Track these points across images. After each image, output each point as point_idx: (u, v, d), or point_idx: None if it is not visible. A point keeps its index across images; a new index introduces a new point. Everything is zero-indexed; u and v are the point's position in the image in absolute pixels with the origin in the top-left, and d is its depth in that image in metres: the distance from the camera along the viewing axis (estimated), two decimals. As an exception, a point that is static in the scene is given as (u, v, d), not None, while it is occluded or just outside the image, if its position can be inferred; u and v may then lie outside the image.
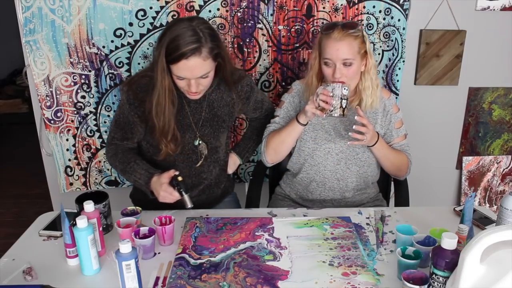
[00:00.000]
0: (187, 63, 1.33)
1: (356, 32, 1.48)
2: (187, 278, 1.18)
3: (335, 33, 1.47)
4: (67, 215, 1.21)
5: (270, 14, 1.93)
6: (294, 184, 1.72)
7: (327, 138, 1.61)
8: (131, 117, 1.50)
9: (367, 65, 1.54)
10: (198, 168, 1.59)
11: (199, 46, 1.33)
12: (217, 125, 1.58)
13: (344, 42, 1.47)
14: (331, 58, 1.48)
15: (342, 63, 1.48)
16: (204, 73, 1.38)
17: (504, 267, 0.95)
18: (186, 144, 1.54)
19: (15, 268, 1.23)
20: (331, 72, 1.50)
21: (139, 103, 1.48)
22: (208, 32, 1.36)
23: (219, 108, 1.58)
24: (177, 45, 1.32)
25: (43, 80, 1.93)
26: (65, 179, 2.11)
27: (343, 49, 1.47)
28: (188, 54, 1.32)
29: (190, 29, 1.33)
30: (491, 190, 2.38)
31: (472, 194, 1.30)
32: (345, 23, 1.50)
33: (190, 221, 1.46)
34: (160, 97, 1.41)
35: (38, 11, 1.84)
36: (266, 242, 1.34)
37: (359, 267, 1.22)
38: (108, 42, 1.91)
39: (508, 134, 2.29)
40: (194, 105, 1.53)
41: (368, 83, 1.56)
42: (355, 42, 1.48)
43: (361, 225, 1.44)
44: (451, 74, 2.12)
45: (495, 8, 2.03)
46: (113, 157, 1.55)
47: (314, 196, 1.68)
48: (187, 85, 1.40)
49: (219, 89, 1.57)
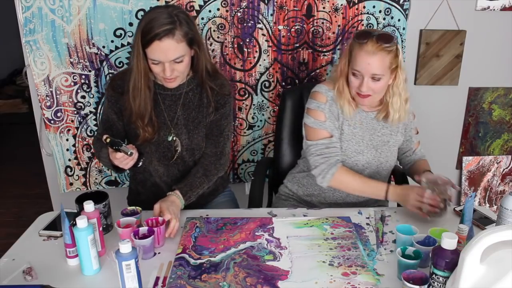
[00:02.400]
0: (160, 44, 1.35)
1: (390, 47, 1.42)
2: (187, 278, 1.18)
3: (369, 45, 1.41)
4: (67, 215, 1.21)
5: (270, 14, 1.93)
6: (309, 183, 1.67)
7: (357, 150, 1.57)
8: (110, 114, 1.54)
9: (396, 79, 1.49)
10: (172, 166, 1.59)
11: (172, 28, 1.35)
12: (192, 125, 1.56)
13: (376, 56, 1.41)
14: (360, 70, 1.44)
15: (370, 77, 1.44)
16: (178, 56, 1.39)
17: (504, 267, 0.95)
18: (161, 142, 1.55)
19: (15, 268, 1.22)
20: (357, 84, 1.47)
21: (116, 99, 1.52)
22: (183, 17, 1.39)
23: (194, 109, 1.56)
24: (151, 27, 1.35)
25: (43, 80, 1.94)
26: (65, 179, 2.11)
27: (374, 64, 1.42)
28: (162, 34, 1.34)
29: (165, 12, 1.37)
30: (491, 190, 2.38)
31: (472, 194, 1.30)
32: (380, 34, 1.42)
33: (190, 221, 1.46)
34: (136, 80, 1.43)
35: (38, 11, 1.84)
36: (266, 242, 1.34)
37: (359, 267, 1.22)
38: (108, 42, 1.91)
39: (508, 134, 2.29)
40: (169, 102, 1.54)
41: (396, 98, 1.51)
42: (388, 57, 1.43)
43: (361, 225, 1.44)
44: (451, 74, 2.12)
45: (495, 8, 2.03)
46: (94, 145, 1.62)
47: (327, 199, 1.65)
48: (162, 71, 1.41)
49: (196, 90, 1.55)
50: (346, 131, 1.57)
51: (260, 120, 2.12)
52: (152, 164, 1.58)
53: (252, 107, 2.09)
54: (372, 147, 1.58)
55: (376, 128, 1.59)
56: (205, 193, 1.67)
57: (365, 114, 1.59)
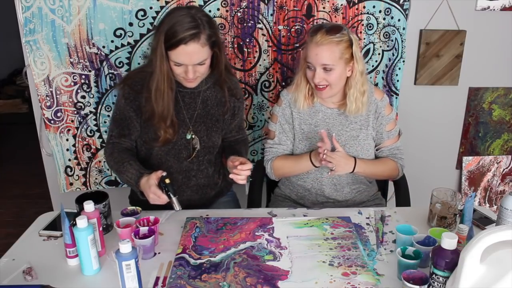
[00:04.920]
0: (185, 49, 1.35)
1: (339, 37, 1.45)
2: (187, 278, 1.18)
3: (318, 36, 1.45)
4: (67, 215, 1.21)
5: (270, 14, 1.93)
6: (293, 186, 1.72)
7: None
8: (126, 112, 1.52)
9: (353, 70, 1.52)
10: (187, 164, 1.59)
11: (198, 32, 1.35)
12: (211, 123, 1.58)
13: (324, 47, 1.45)
14: (311, 62, 1.48)
15: (321, 68, 1.47)
16: (202, 60, 1.40)
17: (504, 267, 0.95)
18: (178, 139, 1.55)
19: (15, 268, 1.22)
20: (311, 76, 1.51)
21: (134, 97, 1.50)
22: (206, 20, 1.39)
23: (213, 107, 1.58)
24: (176, 31, 1.34)
25: (43, 80, 1.93)
26: (65, 179, 2.11)
27: (322, 54, 1.45)
28: (187, 39, 1.34)
29: (189, 16, 1.36)
30: (491, 190, 2.38)
31: (472, 194, 1.30)
32: (331, 26, 1.47)
33: (190, 221, 1.46)
34: (159, 82, 1.43)
35: (38, 11, 1.84)
36: (266, 242, 1.34)
37: (359, 267, 1.22)
38: (108, 42, 1.91)
39: (508, 134, 2.29)
40: (189, 100, 1.54)
41: (353, 90, 1.53)
42: (337, 48, 1.46)
43: (361, 225, 1.44)
44: (451, 74, 2.12)
45: (495, 8, 2.03)
46: (110, 157, 1.54)
47: (313, 199, 1.68)
48: (184, 72, 1.41)
49: (213, 88, 1.57)
50: (307, 130, 1.62)
51: (260, 120, 2.12)
52: (166, 162, 1.57)
53: (252, 107, 2.09)
54: (340, 142, 1.58)
55: (344, 124, 1.61)
56: (211, 195, 1.69)
57: (330, 110, 1.62)
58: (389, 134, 1.65)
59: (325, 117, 1.62)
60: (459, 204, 1.39)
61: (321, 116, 1.62)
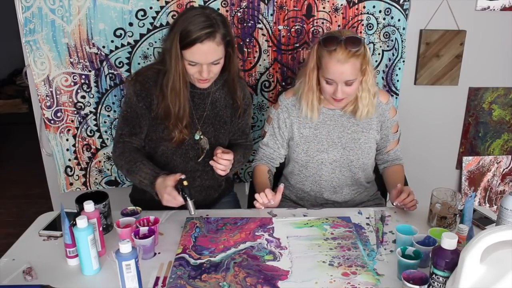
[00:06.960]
0: (201, 47, 1.35)
1: (359, 50, 1.41)
2: (187, 278, 1.18)
3: (339, 54, 1.39)
4: (67, 215, 1.21)
5: (270, 14, 1.93)
6: (292, 187, 1.72)
7: (320, 149, 1.59)
8: (138, 110, 1.50)
9: (365, 74, 1.48)
10: (193, 165, 1.58)
11: (213, 31, 1.35)
12: (219, 125, 1.58)
13: (348, 64, 1.40)
14: (333, 79, 1.44)
15: (344, 83, 1.44)
16: (217, 59, 1.40)
17: (504, 267, 0.95)
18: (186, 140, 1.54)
19: (15, 268, 1.22)
20: (332, 91, 1.47)
21: (146, 94, 1.49)
22: (220, 19, 1.39)
23: (221, 108, 1.58)
24: (191, 30, 1.34)
25: (43, 80, 1.93)
26: (65, 179, 2.11)
27: (347, 71, 1.41)
28: (203, 38, 1.34)
29: (203, 15, 1.36)
30: (491, 190, 2.38)
31: (472, 194, 1.30)
32: (348, 38, 1.39)
33: (190, 221, 1.46)
34: (175, 82, 1.42)
35: (38, 11, 1.84)
36: (266, 242, 1.34)
37: (359, 267, 1.22)
38: (108, 42, 1.91)
39: (508, 134, 2.29)
40: (198, 100, 1.54)
41: (366, 93, 1.51)
42: (358, 61, 1.42)
43: (361, 225, 1.44)
44: (451, 74, 2.12)
45: (495, 8, 2.03)
46: (120, 156, 1.50)
47: (312, 200, 1.68)
48: (198, 72, 1.41)
49: (222, 89, 1.57)
50: (307, 133, 1.60)
51: (260, 120, 2.12)
52: (172, 162, 1.57)
53: (252, 107, 2.09)
54: (340, 145, 1.58)
55: (345, 126, 1.59)
56: (214, 196, 1.69)
57: (331, 112, 1.60)
58: (394, 136, 1.66)
59: (326, 118, 1.60)
60: (459, 204, 1.39)
61: (321, 118, 1.60)
